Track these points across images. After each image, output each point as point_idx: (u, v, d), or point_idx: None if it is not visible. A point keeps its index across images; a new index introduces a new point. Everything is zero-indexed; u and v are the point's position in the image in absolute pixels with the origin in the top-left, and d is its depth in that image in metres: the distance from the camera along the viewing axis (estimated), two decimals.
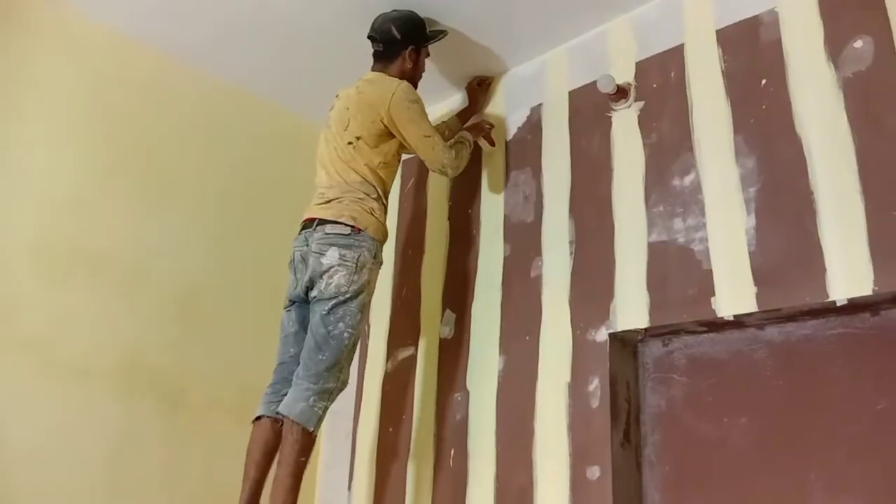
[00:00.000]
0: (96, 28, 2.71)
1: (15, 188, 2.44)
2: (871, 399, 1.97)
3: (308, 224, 2.36)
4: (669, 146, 2.37)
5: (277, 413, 2.22)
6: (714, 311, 2.14)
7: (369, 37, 2.55)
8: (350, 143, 2.40)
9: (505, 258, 2.72)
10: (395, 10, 2.55)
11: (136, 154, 2.76)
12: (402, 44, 2.51)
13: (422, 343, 2.90)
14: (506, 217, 2.76)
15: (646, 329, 2.29)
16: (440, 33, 2.63)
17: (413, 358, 2.90)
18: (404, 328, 2.98)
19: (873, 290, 1.88)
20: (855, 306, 1.97)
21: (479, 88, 2.96)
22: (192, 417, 2.67)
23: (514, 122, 2.86)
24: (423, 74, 2.65)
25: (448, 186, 3.02)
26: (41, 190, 2.49)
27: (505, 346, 2.61)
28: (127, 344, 2.60)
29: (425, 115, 2.47)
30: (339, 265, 2.25)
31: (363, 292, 2.29)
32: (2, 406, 2.28)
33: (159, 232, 2.76)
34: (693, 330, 2.27)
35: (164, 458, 2.59)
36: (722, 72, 2.31)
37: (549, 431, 2.38)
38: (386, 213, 2.45)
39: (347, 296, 2.25)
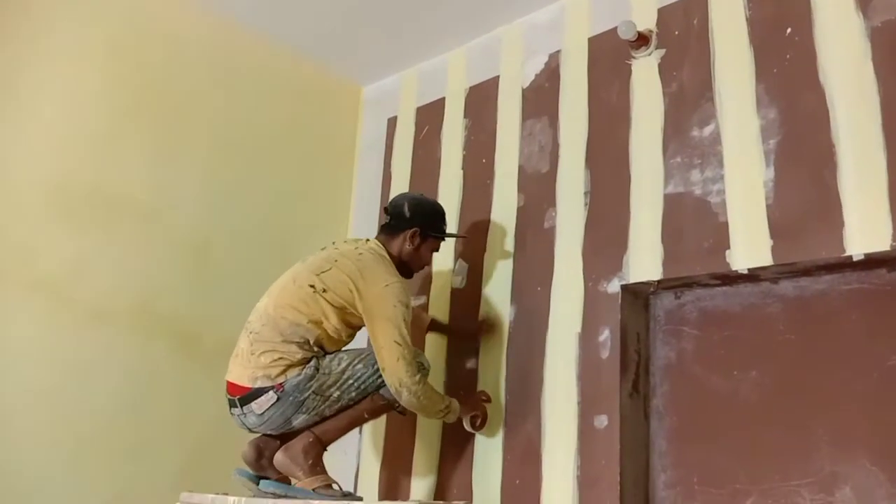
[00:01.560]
0: None
1: (31, 131, 2.43)
2: (883, 355, 1.96)
3: (232, 401, 2.18)
4: (690, 96, 2.32)
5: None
6: (728, 265, 2.12)
7: (384, 208, 2.52)
8: (313, 286, 2.19)
9: (518, 208, 2.70)
10: (420, 194, 2.57)
11: (153, 99, 2.74)
12: (408, 222, 2.40)
13: (434, 292, 2.90)
14: (520, 167, 2.74)
15: (658, 281, 2.28)
16: (457, 234, 2.70)
17: (424, 307, 2.91)
18: (416, 277, 2.98)
19: (891, 246, 1.86)
20: (872, 261, 1.95)
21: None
22: (205, 361, 2.70)
23: (532, 69, 2.81)
24: (426, 260, 2.50)
25: (462, 135, 2.99)
26: (58, 133, 2.49)
27: (517, 296, 2.61)
28: (142, 288, 2.62)
29: (408, 323, 2.20)
30: (270, 408, 2.12)
31: (308, 393, 2.13)
32: (20, 345, 2.32)
33: (175, 178, 2.76)
34: (706, 283, 2.26)
35: (178, 399, 2.63)
36: (746, 19, 2.24)
37: (559, 381, 2.40)
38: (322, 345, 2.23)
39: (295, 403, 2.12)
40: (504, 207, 2.75)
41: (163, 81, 2.78)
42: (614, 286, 2.35)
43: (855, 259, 1.93)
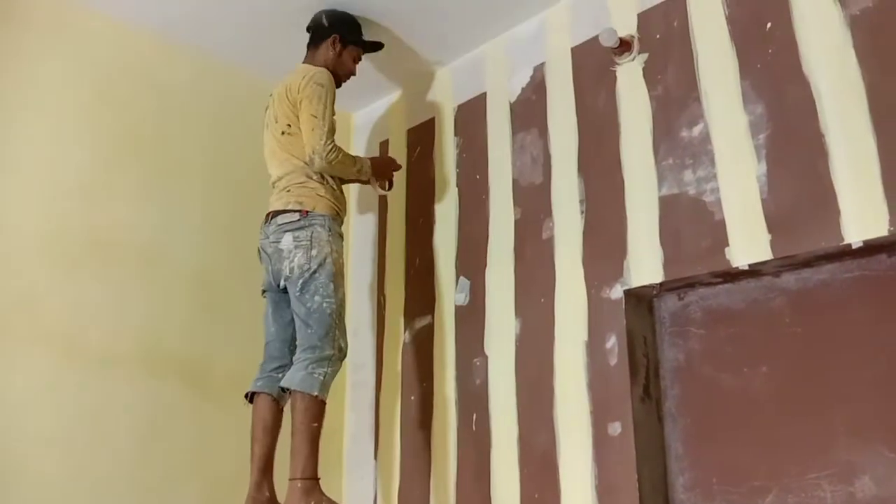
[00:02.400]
0: (94, 16, 2.70)
1: (21, 180, 2.44)
2: (891, 340, 1.96)
3: (266, 218, 2.47)
4: (676, 97, 2.34)
5: (280, 388, 2.31)
6: (729, 262, 2.12)
7: (307, 29, 2.67)
8: (283, 132, 2.47)
9: (516, 221, 2.71)
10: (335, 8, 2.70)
11: (140, 140, 2.76)
12: (327, 30, 2.61)
13: (438, 311, 2.90)
14: (514, 180, 2.75)
15: (660, 284, 2.29)
16: (375, 45, 2.76)
17: (430, 327, 2.91)
18: (420, 298, 2.99)
19: (889, 231, 1.86)
20: (871, 248, 1.95)
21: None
22: (217, 396, 2.70)
23: (518, 82, 2.82)
24: (358, 72, 2.75)
25: (454, 153, 3.00)
26: (48, 181, 2.50)
27: (521, 309, 2.61)
28: (145, 329, 2.62)
29: (325, 101, 2.43)
30: (294, 247, 2.34)
31: (326, 263, 2.34)
32: (28, 396, 2.32)
33: (167, 216, 2.77)
34: (708, 282, 2.26)
35: (192, 438, 2.62)
36: (726, 17, 2.26)
37: (569, 390, 2.39)
38: (334, 189, 2.49)
39: (312, 271, 2.32)
40: (501, 221, 2.75)
41: (152, 121, 2.80)
42: (617, 292, 2.35)
43: (854, 247, 1.93)
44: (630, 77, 2.47)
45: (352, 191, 3.31)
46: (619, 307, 2.34)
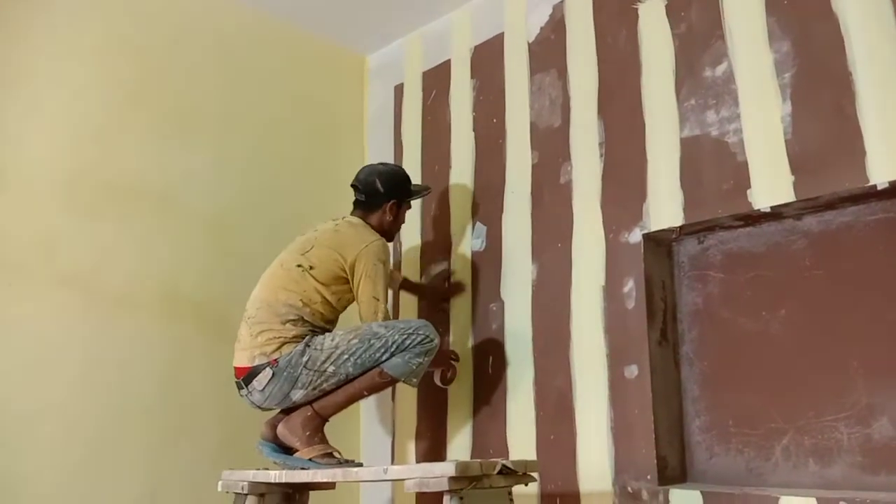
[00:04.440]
0: None
1: (39, 127, 2.43)
2: None
3: (238, 382, 2.26)
4: (699, 35, 2.28)
5: None
6: (750, 204, 2.09)
7: (353, 185, 2.54)
8: (300, 265, 2.30)
9: (533, 166, 2.68)
10: (382, 163, 2.59)
11: (156, 84, 2.74)
12: (384, 197, 2.49)
13: (454, 257, 2.90)
14: (532, 123, 2.71)
15: (680, 227, 2.26)
16: (424, 190, 2.68)
17: (447, 272, 2.91)
18: (436, 244, 2.99)
19: None
20: None
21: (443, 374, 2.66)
22: (234, 338, 2.71)
23: (536, 22, 2.76)
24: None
25: (471, 96, 2.95)
26: (66, 125, 2.49)
27: (537, 254, 2.60)
28: (164, 272, 2.64)
29: (385, 281, 2.34)
30: (269, 384, 2.19)
31: (300, 368, 2.18)
32: (49, 339, 2.35)
33: (186, 161, 2.77)
34: (729, 225, 2.23)
35: (211, 378, 2.66)
36: None
37: (586, 334, 2.40)
38: (320, 313, 2.31)
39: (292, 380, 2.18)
40: (518, 166, 2.72)
41: (165, 65, 2.77)
42: (636, 236, 2.33)
43: (879, 188, 1.89)
44: (652, 15, 2.40)
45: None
46: (637, 251, 2.32)
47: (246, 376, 2.22)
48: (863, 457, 1.94)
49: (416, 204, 3.08)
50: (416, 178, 3.11)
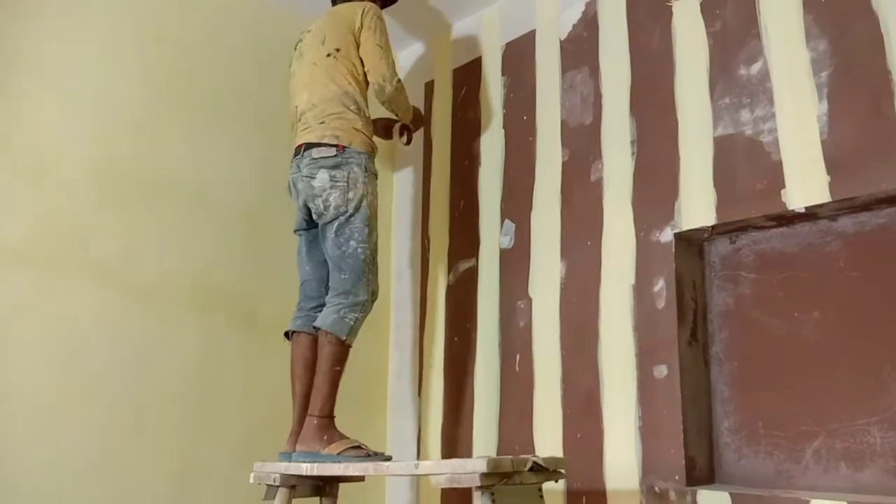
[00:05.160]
0: None
1: (74, 119, 2.48)
2: None
3: (298, 150, 2.42)
4: (735, 33, 2.26)
5: (313, 327, 2.32)
6: (784, 204, 2.07)
7: None
8: (329, 54, 2.45)
9: (563, 163, 2.67)
10: None
11: (189, 78, 2.77)
12: None
13: (482, 254, 2.90)
14: (563, 121, 2.70)
15: (712, 227, 2.24)
16: None
17: (474, 269, 2.92)
18: (464, 240, 2.99)
19: None
20: None
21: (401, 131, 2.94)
22: (263, 333, 2.75)
23: (569, 19, 2.75)
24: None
25: (501, 93, 2.95)
26: (101, 119, 2.53)
27: (566, 252, 2.60)
28: (195, 265, 2.67)
29: (386, 34, 2.52)
30: (330, 187, 2.31)
31: (362, 206, 2.33)
32: (82, 328, 2.39)
33: (217, 155, 2.80)
34: (762, 225, 2.21)
35: (241, 371, 2.70)
36: None
37: (615, 333, 2.39)
38: (369, 123, 2.48)
39: (349, 213, 2.31)
40: (548, 163, 2.72)
41: (199, 60, 2.81)
42: (667, 235, 2.31)
43: None
44: (687, 12, 2.38)
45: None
46: (668, 250, 2.31)
47: (308, 144, 2.37)
48: None
49: (444, 198, 3.09)
50: (444, 175, 3.13)
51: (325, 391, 2.24)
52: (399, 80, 2.53)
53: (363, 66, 2.49)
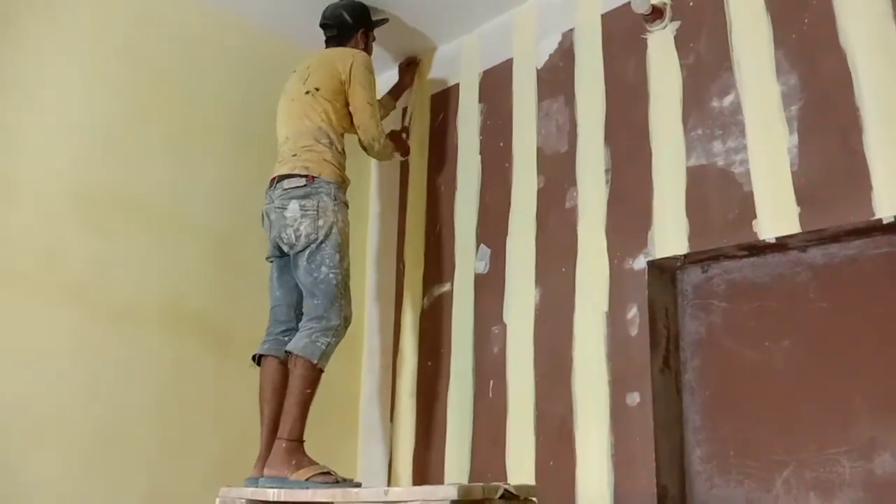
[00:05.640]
0: None
1: (49, 137, 2.44)
2: None
3: (271, 182, 2.47)
4: (708, 67, 2.30)
5: (285, 352, 2.33)
6: (756, 234, 2.10)
7: (322, 25, 2.76)
8: (308, 92, 2.53)
9: (539, 190, 2.69)
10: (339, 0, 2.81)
11: (167, 99, 2.75)
12: (353, 27, 2.75)
13: (457, 279, 2.90)
14: (538, 148, 2.72)
15: (685, 255, 2.27)
16: (384, 20, 2.91)
17: (449, 294, 2.91)
18: (439, 265, 2.99)
19: None
20: None
21: (408, 68, 3.23)
22: (236, 356, 2.69)
23: (545, 48, 2.79)
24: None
25: (478, 120, 2.98)
26: (75, 139, 2.50)
27: (541, 278, 2.60)
28: (168, 289, 2.63)
29: (375, 88, 2.66)
30: (301, 216, 2.36)
31: (332, 233, 2.37)
32: (49, 349, 2.34)
33: (193, 176, 2.77)
34: (733, 255, 2.24)
35: (212, 395, 2.65)
36: None
37: (588, 360, 2.39)
38: (341, 154, 2.53)
39: (319, 240, 2.35)
40: (524, 190, 2.74)
41: (175, 82, 2.79)
42: (640, 263, 2.33)
43: (885, 222, 1.91)
44: (661, 45, 2.43)
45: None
46: (641, 278, 2.32)
47: (280, 176, 2.43)
48: (864, 491, 1.93)
49: (419, 223, 3.09)
50: (420, 199, 3.14)
51: (295, 414, 2.24)
52: (385, 137, 2.69)
53: (344, 107, 2.57)
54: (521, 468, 2.48)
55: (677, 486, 2.23)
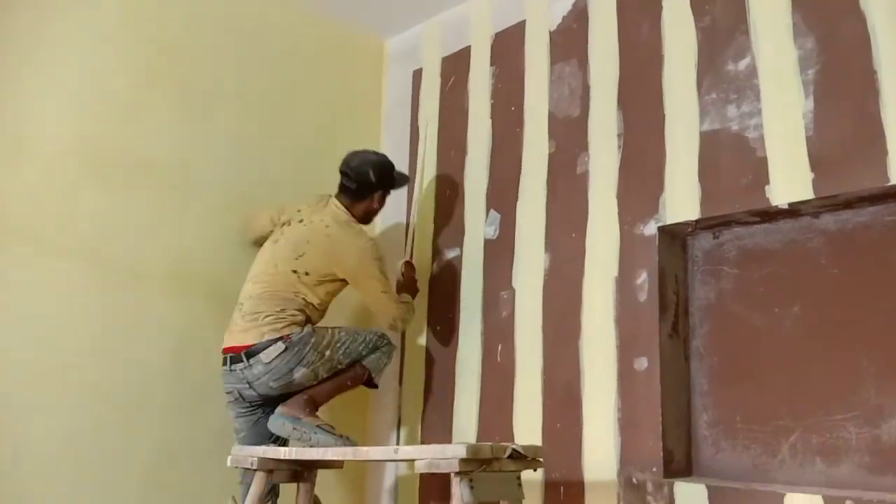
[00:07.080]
0: None
1: (57, 99, 2.44)
2: None
3: (235, 357, 2.36)
4: (723, 29, 2.26)
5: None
6: (768, 200, 2.09)
7: (343, 172, 2.61)
8: (295, 271, 2.44)
9: (550, 155, 2.67)
10: (371, 152, 2.68)
11: (175, 61, 2.74)
12: (376, 186, 2.61)
13: (467, 243, 2.90)
14: (550, 112, 2.70)
15: (696, 221, 2.26)
16: (405, 179, 2.82)
17: (458, 259, 2.91)
18: (449, 230, 2.99)
19: None
20: None
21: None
22: None
23: (559, 10, 2.75)
24: None
25: (489, 84, 2.95)
26: (84, 101, 2.49)
27: (551, 243, 2.60)
28: (176, 248, 2.65)
29: (386, 272, 2.56)
30: (277, 357, 2.33)
31: (304, 359, 2.35)
32: (59, 308, 2.36)
33: (202, 138, 2.77)
34: (745, 220, 2.23)
35: (218, 356, 2.66)
36: None
37: (597, 325, 2.40)
38: (312, 306, 2.48)
39: (290, 375, 2.35)
40: (535, 154, 2.72)
41: (183, 45, 2.77)
42: (651, 228, 2.32)
43: None
44: (677, 7, 2.39)
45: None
46: (651, 244, 2.32)
47: (250, 350, 2.32)
48: (870, 457, 1.94)
49: (430, 190, 3.08)
50: (430, 164, 3.12)
51: (329, 388, 2.42)
52: (405, 308, 2.62)
53: (329, 293, 2.52)
54: (528, 431, 2.50)
55: (683, 450, 2.25)
